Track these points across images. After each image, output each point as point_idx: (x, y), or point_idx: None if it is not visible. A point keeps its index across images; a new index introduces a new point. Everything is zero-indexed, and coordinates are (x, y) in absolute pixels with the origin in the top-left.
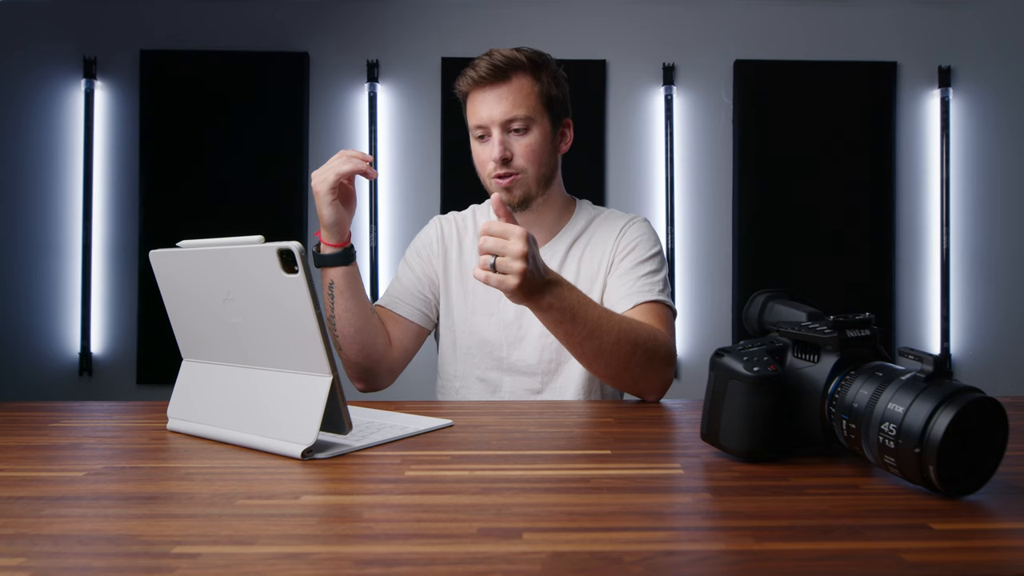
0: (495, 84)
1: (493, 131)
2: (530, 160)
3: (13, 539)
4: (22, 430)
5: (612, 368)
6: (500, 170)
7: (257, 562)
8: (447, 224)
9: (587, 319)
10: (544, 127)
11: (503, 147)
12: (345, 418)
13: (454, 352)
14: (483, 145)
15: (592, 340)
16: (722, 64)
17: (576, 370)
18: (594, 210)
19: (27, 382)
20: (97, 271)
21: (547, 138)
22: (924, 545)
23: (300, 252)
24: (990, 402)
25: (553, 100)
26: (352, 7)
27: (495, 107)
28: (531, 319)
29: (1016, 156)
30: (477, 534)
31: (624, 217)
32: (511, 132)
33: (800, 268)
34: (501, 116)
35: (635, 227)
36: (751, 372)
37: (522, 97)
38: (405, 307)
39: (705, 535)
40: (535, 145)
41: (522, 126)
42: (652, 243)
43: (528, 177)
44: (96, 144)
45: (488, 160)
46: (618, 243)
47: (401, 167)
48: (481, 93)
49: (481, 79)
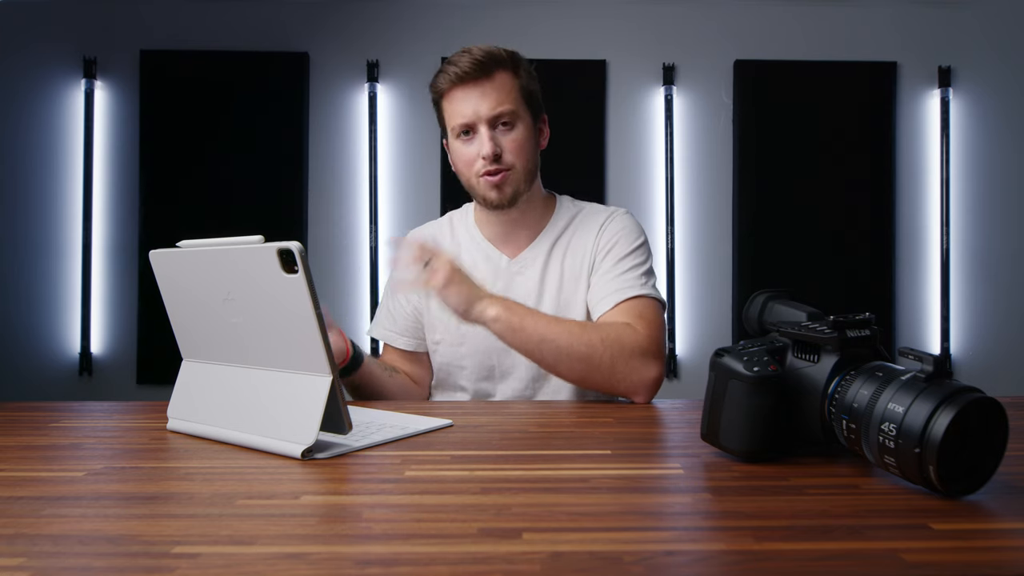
0: (478, 80)
1: (480, 128)
2: (518, 155)
3: (13, 539)
4: (22, 430)
5: (577, 370)
6: (491, 167)
7: (257, 562)
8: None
9: (536, 325)
10: (527, 122)
11: (492, 142)
12: (345, 418)
13: (445, 366)
14: (468, 144)
15: (547, 344)
16: (722, 64)
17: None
18: (575, 207)
19: (27, 382)
20: (97, 271)
21: (531, 133)
22: (924, 545)
23: (300, 252)
24: (990, 402)
25: (531, 95)
26: (352, 7)
27: (481, 103)
28: None
29: (1016, 156)
30: (477, 534)
31: (604, 212)
32: (498, 128)
33: (800, 268)
34: (488, 112)
35: (615, 222)
36: (751, 372)
37: (506, 92)
38: (405, 340)
39: (705, 535)
40: (522, 140)
41: (508, 120)
42: (634, 236)
43: (517, 172)
44: (96, 144)
45: (475, 158)
46: (599, 240)
47: (401, 167)
48: (463, 90)
49: (464, 75)
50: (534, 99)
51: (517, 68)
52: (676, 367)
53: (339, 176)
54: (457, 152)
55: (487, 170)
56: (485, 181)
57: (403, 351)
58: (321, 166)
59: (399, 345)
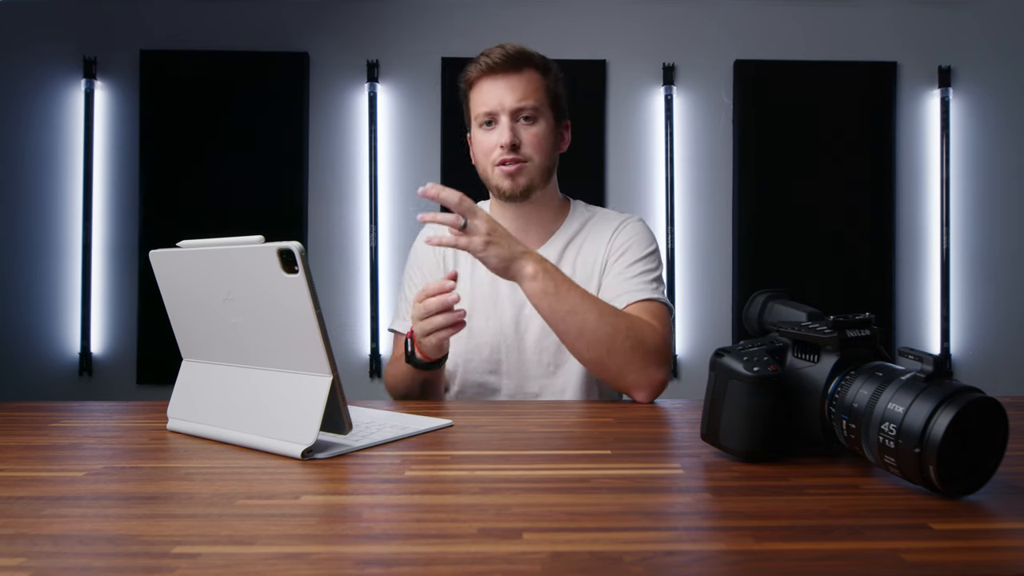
0: (507, 73)
1: (502, 118)
2: (537, 149)
3: (13, 539)
4: (22, 430)
5: (595, 350)
6: (508, 155)
7: (257, 562)
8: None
9: (571, 294)
10: (549, 121)
11: (512, 133)
12: (345, 418)
13: (453, 357)
14: (489, 132)
15: (575, 315)
16: (722, 64)
17: (574, 372)
18: (588, 211)
19: (27, 382)
20: (97, 271)
21: (552, 131)
22: (924, 545)
23: (300, 252)
24: (990, 402)
25: (558, 98)
26: (352, 7)
27: (507, 95)
28: (528, 320)
29: (1016, 156)
30: (477, 534)
31: (619, 217)
32: (519, 121)
33: (800, 268)
34: (512, 103)
35: (629, 227)
36: (751, 372)
37: (532, 88)
38: None
39: (705, 535)
40: (542, 135)
41: (531, 115)
42: (647, 243)
43: (534, 166)
44: (96, 144)
45: (494, 147)
46: (612, 243)
47: (401, 167)
48: (491, 81)
49: (494, 65)
50: (559, 102)
51: (547, 70)
52: (676, 367)
53: (339, 176)
54: (477, 141)
55: (504, 159)
56: (500, 170)
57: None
58: (321, 166)
59: None
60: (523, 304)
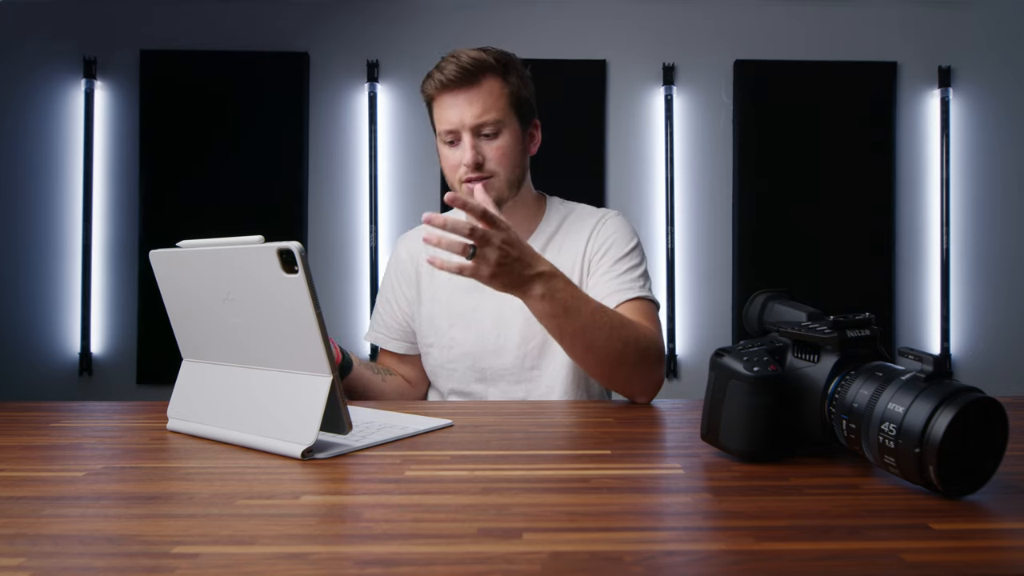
0: (464, 87)
1: (464, 135)
2: (501, 163)
3: (13, 539)
4: (22, 430)
5: (603, 367)
6: (472, 174)
7: (257, 562)
8: (412, 243)
9: (581, 314)
10: (514, 129)
11: (475, 151)
12: (345, 418)
13: (437, 369)
14: (453, 149)
15: (584, 335)
16: (722, 64)
17: (558, 372)
18: (565, 207)
19: (27, 382)
20: (97, 271)
21: (517, 140)
22: (924, 545)
23: (300, 252)
24: (990, 402)
25: (522, 102)
26: (352, 7)
27: (465, 111)
28: (509, 326)
29: (1016, 156)
30: (477, 534)
31: (596, 213)
32: (481, 136)
33: (800, 268)
34: (472, 120)
35: (608, 224)
36: (751, 372)
37: (492, 100)
38: (398, 343)
39: (705, 535)
40: (506, 148)
41: (493, 130)
42: (628, 238)
43: (500, 180)
44: (96, 144)
45: (459, 165)
46: (592, 242)
47: (401, 167)
48: (450, 97)
49: (449, 82)
50: (524, 105)
51: (507, 73)
52: (676, 367)
53: (339, 176)
54: (443, 156)
55: (468, 177)
56: (467, 187)
57: (397, 354)
58: (321, 166)
59: (392, 348)
60: (502, 310)
